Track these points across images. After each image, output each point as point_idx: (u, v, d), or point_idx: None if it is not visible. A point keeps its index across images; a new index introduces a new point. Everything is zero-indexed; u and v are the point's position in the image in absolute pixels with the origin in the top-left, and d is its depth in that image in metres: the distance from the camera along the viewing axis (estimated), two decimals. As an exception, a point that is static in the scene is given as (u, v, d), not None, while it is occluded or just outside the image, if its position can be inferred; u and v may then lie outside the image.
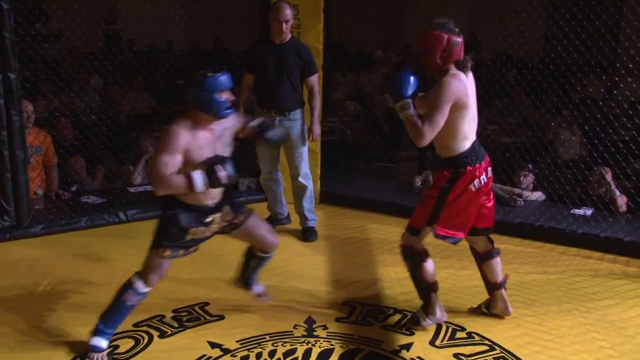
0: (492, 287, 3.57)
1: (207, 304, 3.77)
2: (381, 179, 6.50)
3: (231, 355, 3.20)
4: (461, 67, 3.15)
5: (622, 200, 5.31)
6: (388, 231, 5.12)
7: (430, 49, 3.11)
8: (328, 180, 5.89)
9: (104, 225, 5.10)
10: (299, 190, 4.95)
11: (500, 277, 3.53)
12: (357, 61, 10.84)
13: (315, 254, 4.63)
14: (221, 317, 3.61)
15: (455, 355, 3.24)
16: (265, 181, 5.07)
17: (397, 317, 3.66)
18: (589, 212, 5.26)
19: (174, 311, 3.66)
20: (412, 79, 3.15)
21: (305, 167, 4.91)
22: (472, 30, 10.76)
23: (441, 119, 3.07)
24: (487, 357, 3.23)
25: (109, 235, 4.92)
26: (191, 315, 3.63)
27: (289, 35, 4.70)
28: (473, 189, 3.21)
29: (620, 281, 4.27)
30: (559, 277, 4.29)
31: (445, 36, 3.08)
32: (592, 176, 5.46)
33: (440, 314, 3.45)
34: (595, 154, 5.58)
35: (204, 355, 3.19)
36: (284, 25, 4.57)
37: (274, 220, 5.14)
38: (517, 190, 5.59)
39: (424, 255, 3.39)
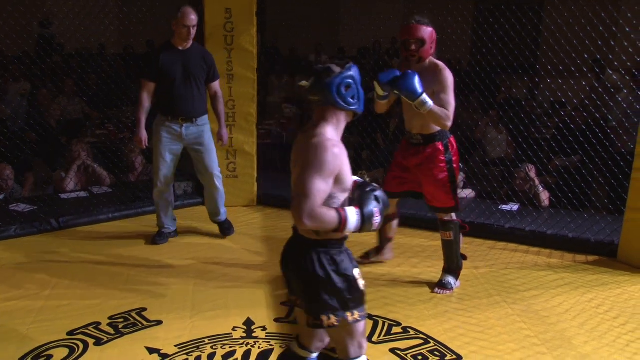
0: (387, 240, 4.35)
1: (145, 309, 3.70)
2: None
3: (169, 360, 3.16)
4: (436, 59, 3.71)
5: (544, 196, 5.51)
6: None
7: (428, 41, 3.64)
8: (265, 183, 5.88)
9: (35, 234, 4.93)
10: (215, 192, 4.83)
11: (394, 234, 4.35)
12: (292, 65, 10.86)
13: (254, 255, 4.62)
14: (159, 322, 3.55)
15: (392, 350, 3.29)
16: (163, 193, 4.73)
17: (335, 315, 3.69)
18: (515, 207, 5.44)
19: (110, 318, 3.58)
20: (417, 76, 3.50)
21: (218, 170, 4.82)
22: (395, 35, 10.96)
23: (454, 101, 3.68)
24: (422, 351, 3.29)
25: (39, 244, 4.77)
26: (128, 322, 3.55)
27: (192, 41, 4.53)
28: None
29: (544, 272, 4.43)
30: (488, 271, 4.42)
31: (433, 30, 3.64)
32: (517, 173, 5.65)
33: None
34: (520, 152, 5.77)
35: (142, 361, 3.14)
36: (191, 30, 4.43)
37: (164, 235, 4.83)
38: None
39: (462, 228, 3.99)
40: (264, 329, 3.50)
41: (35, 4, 9.10)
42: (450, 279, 4.02)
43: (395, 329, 3.51)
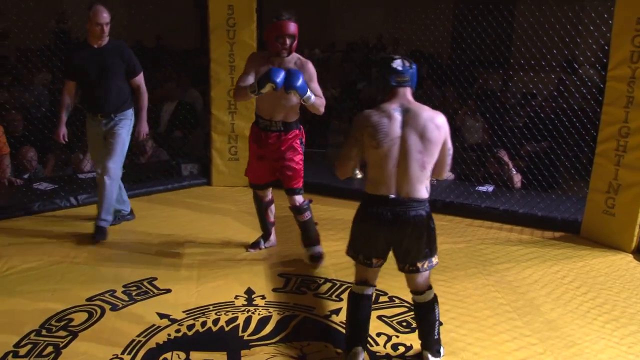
0: (272, 225, 4.23)
1: (155, 278, 3.69)
2: (311, 163, 6.50)
3: (178, 325, 3.15)
4: None
5: (517, 178, 5.51)
6: (318, 209, 5.11)
7: (296, 37, 3.60)
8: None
9: (55, 210, 4.91)
10: (103, 183, 4.26)
11: (274, 218, 4.23)
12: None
13: (253, 231, 4.59)
14: (168, 291, 3.55)
15: (379, 317, 3.29)
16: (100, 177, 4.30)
17: (328, 285, 3.69)
18: (490, 188, 5.44)
19: (124, 286, 3.58)
20: (301, 74, 3.42)
21: (117, 168, 4.27)
22: (382, 31, 10.91)
23: None
24: (406, 317, 3.30)
25: (60, 219, 4.74)
26: (140, 289, 3.55)
27: (107, 38, 4.18)
28: None
29: (516, 247, 4.44)
30: (466, 246, 4.42)
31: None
32: (491, 158, 5.64)
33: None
34: (496, 138, 5.77)
35: (153, 325, 3.13)
36: (104, 27, 4.09)
37: (118, 217, 4.59)
38: (429, 171, 5.70)
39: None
40: (263, 297, 3.50)
41: (53, 1, 9.00)
42: (320, 248, 4.01)
43: (382, 298, 3.52)
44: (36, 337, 3.00)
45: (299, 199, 3.87)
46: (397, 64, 2.63)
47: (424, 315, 2.79)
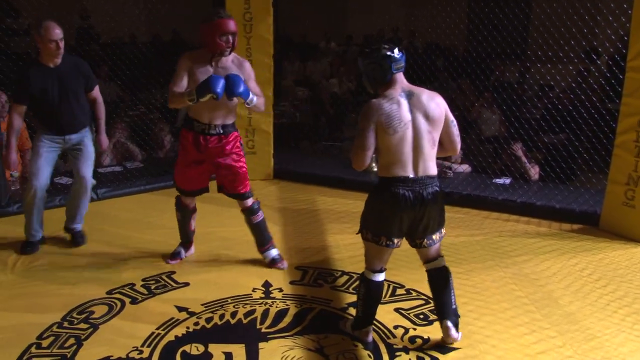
0: (193, 233, 3.98)
1: (174, 272, 3.70)
2: (327, 157, 6.50)
3: (197, 317, 3.16)
4: None
5: (534, 170, 5.44)
6: (335, 202, 5.13)
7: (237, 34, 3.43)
8: (280, 159, 5.85)
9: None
10: (83, 197, 4.09)
11: (195, 226, 3.99)
12: (304, 51, 10.75)
13: (270, 224, 4.55)
14: (186, 284, 3.55)
15: (397, 309, 3.27)
16: (39, 199, 3.95)
17: (345, 278, 3.68)
18: (507, 181, 5.38)
19: (143, 279, 3.59)
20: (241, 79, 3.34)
21: (91, 176, 4.10)
22: (398, 24, 10.81)
23: None
24: (423, 310, 3.28)
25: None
26: (159, 283, 3.56)
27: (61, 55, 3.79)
28: None
29: (533, 239, 4.38)
30: (483, 239, 4.38)
31: None
32: (508, 149, 5.58)
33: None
34: (512, 130, 5.70)
35: (172, 318, 3.14)
36: (60, 43, 3.71)
37: (31, 244, 4.06)
38: (446, 164, 5.66)
39: None
40: (280, 290, 3.50)
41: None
42: (276, 250, 3.86)
43: (399, 291, 3.50)
44: (58, 329, 3.02)
45: (249, 201, 3.72)
46: (395, 52, 2.70)
47: (441, 282, 2.89)
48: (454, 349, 2.90)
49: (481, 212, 4.94)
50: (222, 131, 3.54)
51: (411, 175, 2.67)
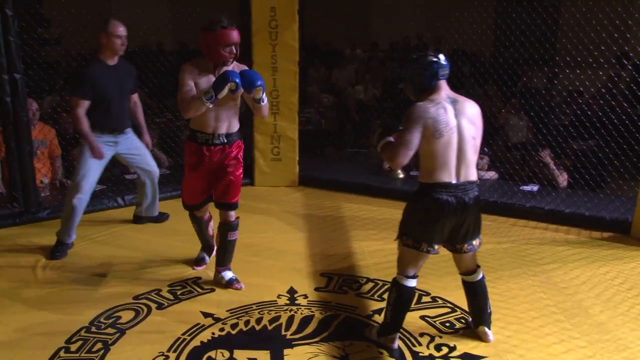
0: (212, 237, 3.93)
1: (199, 278, 3.73)
2: (353, 163, 6.50)
3: (222, 323, 3.18)
4: None
5: (562, 177, 5.37)
6: (360, 209, 5.12)
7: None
8: (305, 165, 5.86)
9: (104, 210, 5.02)
10: (156, 188, 4.61)
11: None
12: (329, 58, 10.78)
13: (295, 231, 4.61)
14: (212, 290, 3.58)
15: (422, 317, 3.25)
16: (83, 202, 4.11)
17: (370, 285, 3.66)
18: (535, 188, 5.31)
19: (169, 285, 3.63)
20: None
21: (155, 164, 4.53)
22: (423, 31, 10.78)
23: None
24: (449, 318, 3.25)
25: (108, 219, 4.85)
26: (185, 289, 3.59)
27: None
28: None
29: (562, 247, 4.32)
30: (510, 246, 4.32)
31: None
32: (536, 156, 5.51)
33: None
34: (540, 137, 5.63)
35: (198, 324, 3.16)
36: (124, 40, 4.05)
37: (63, 247, 4.11)
38: (472, 171, 5.60)
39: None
40: (305, 297, 3.50)
41: (103, 8, 9.22)
42: (232, 273, 3.66)
43: (424, 298, 3.47)
44: (86, 334, 3.06)
45: (233, 214, 3.57)
46: (441, 58, 2.77)
47: (478, 292, 2.96)
48: (481, 357, 2.87)
49: (508, 220, 4.88)
50: (225, 141, 3.43)
51: (454, 181, 2.71)
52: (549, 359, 2.86)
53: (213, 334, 3.07)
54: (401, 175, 5.73)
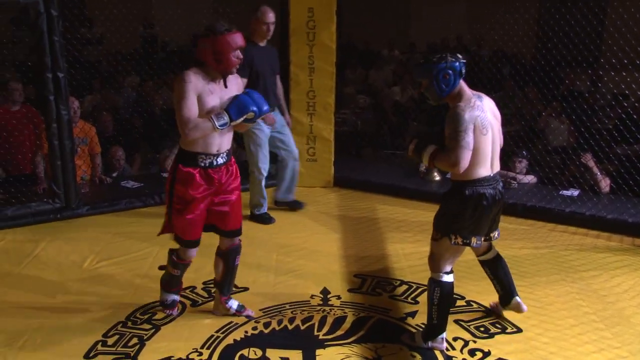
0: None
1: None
2: (389, 165, 6.48)
3: (255, 322, 3.22)
4: None
5: (605, 182, 5.24)
6: (395, 211, 5.10)
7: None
8: (341, 166, 5.87)
9: (141, 207, 5.13)
10: (298, 169, 5.01)
11: None
12: (367, 59, 10.77)
13: (330, 232, 4.63)
14: (245, 289, 3.62)
15: (456, 321, 3.23)
16: (264, 178, 4.81)
17: (404, 287, 3.66)
18: (575, 193, 5.21)
19: (203, 283, 3.69)
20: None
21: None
22: (462, 32, 10.67)
23: None
24: (484, 322, 3.22)
25: (145, 216, 4.95)
26: (220, 286, 3.64)
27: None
28: None
29: (603, 254, 4.22)
30: (548, 252, 4.25)
31: None
32: (577, 160, 5.40)
33: None
34: (582, 141, 5.52)
35: (231, 322, 3.21)
36: (270, 27, 4.47)
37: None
38: (511, 174, 5.54)
39: None
40: (338, 297, 3.51)
41: (144, 9, 9.42)
42: (236, 301, 3.32)
43: (459, 302, 3.45)
44: (122, 329, 3.14)
45: (238, 239, 3.23)
46: (460, 57, 2.83)
47: (501, 264, 3.18)
48: (516, 364, 2.84)
49: (546, 225, 4.80)
50: (227, 158, 3.05)
51: (491, 174, 2.84)
52: (587, 368, 2.82)
53: (246, 332, 3.11)
54: (437, 178, 5.69)
